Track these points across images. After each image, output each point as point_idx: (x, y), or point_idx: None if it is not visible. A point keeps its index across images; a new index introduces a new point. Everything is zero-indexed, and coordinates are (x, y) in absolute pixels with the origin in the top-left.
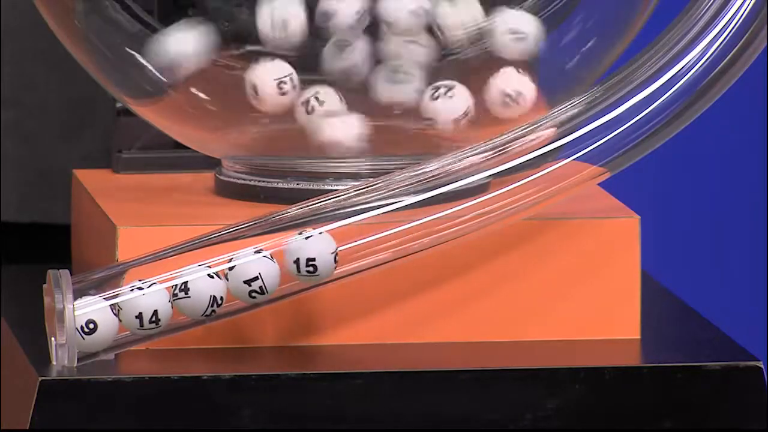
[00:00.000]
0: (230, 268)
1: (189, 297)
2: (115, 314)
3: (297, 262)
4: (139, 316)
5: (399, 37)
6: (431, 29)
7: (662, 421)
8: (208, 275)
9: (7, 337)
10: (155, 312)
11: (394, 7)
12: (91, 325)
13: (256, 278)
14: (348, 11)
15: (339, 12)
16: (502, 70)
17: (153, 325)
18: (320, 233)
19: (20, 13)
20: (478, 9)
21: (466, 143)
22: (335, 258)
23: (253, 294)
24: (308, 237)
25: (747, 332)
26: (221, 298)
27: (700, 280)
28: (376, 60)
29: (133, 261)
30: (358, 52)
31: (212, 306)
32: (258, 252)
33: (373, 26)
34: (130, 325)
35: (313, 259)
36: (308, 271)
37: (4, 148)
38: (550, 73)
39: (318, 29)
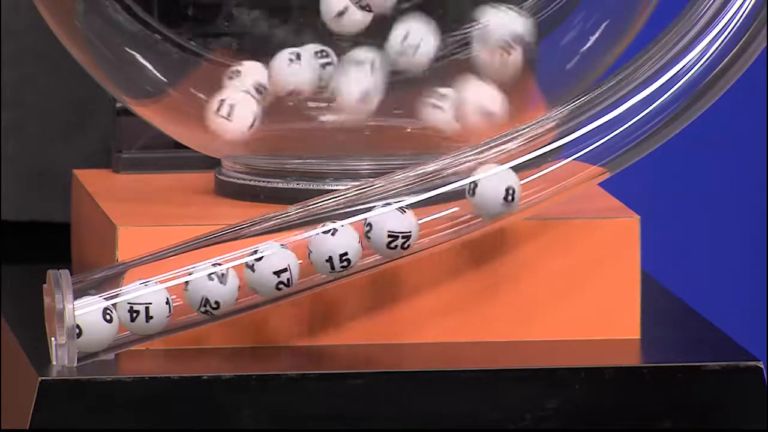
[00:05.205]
0: (257, 259)
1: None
2: (107, 320)
3: (330, 260)
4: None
5: None
6: None
7: (662, 421)
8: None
9: (7, 337)
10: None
11: None
12: (76, 331)
13: (285, 270)
14: None
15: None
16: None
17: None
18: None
19: (20, 13)
20: None
21: (466, 143)
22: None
23: (280, 285)
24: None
25: (747, 332)
26: (216, 302)
27: (700, 280)
28: None
29: (133, 261)
30: None
31: (205, 306)
32: (284, 246)
33: None
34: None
35: (345, 254)
36: (342, 266)
37: (4, 148)
38: (550, 73)
39: None
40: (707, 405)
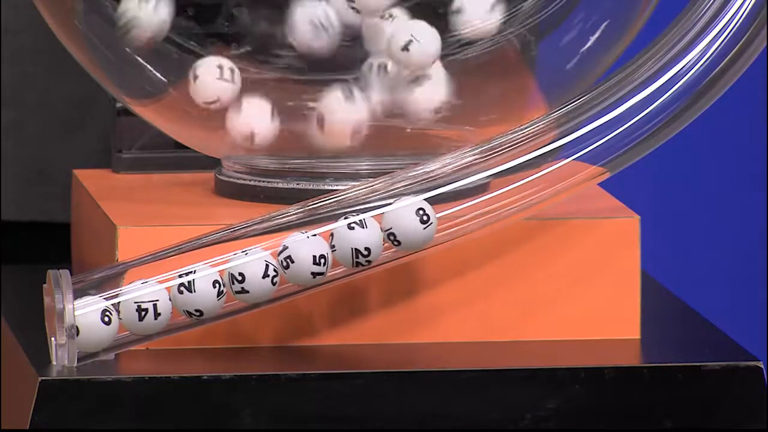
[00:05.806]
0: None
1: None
2: (106, 321)
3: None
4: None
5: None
6: None
7: (662, 421)
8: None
9: (7, 337)
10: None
11: None
12: (72, 330)
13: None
14: None
15: None
16: None
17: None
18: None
19: (20, 12)
20: None
21: (466, 143)
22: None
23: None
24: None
25: (747, 332)
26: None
27: (700, 280)
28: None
29: (133, 261)
30: None
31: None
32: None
33: None
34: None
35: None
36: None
37: (4, 148)
38: (550, 73)
39: None
40: (707, 405)
